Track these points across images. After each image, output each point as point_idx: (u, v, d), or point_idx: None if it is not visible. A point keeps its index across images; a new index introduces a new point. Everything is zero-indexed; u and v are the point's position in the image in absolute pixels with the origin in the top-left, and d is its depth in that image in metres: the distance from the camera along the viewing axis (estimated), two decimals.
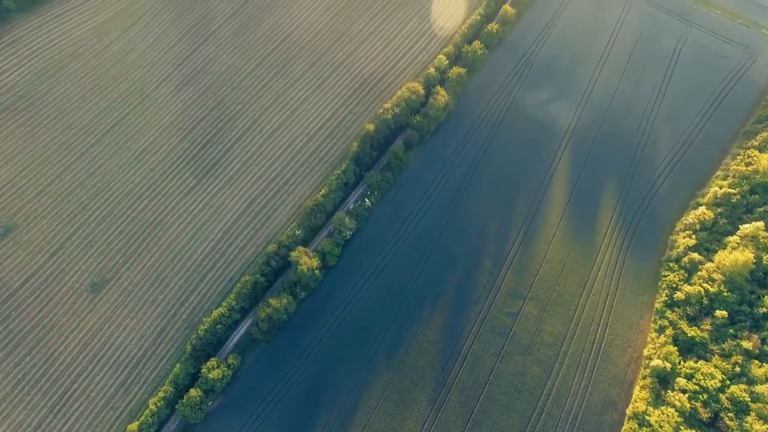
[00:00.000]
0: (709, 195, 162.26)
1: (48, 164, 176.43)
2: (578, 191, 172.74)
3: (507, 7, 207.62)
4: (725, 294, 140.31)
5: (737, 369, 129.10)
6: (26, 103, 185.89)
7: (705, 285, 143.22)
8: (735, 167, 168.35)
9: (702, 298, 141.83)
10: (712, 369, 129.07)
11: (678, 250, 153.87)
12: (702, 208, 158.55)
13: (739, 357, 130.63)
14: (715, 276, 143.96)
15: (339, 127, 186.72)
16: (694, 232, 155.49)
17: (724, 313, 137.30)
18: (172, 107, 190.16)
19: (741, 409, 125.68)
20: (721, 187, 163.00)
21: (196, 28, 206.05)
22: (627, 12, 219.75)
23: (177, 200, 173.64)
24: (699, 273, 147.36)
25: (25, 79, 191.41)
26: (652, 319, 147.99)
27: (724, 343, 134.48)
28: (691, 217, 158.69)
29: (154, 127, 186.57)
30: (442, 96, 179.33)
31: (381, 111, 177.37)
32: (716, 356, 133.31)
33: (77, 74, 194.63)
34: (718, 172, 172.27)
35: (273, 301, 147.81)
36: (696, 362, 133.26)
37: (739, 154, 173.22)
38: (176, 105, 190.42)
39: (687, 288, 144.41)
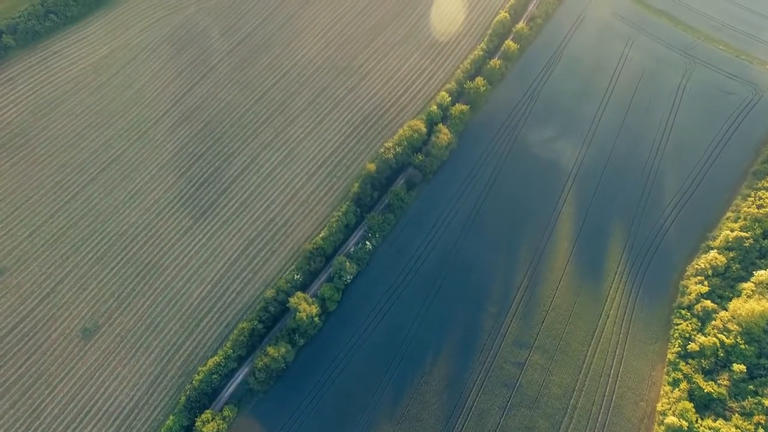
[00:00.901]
0: (720, 238, 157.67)
1: (41, 204, 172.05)
2: (585, 233, 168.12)
3: (509, 43, 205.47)
4: (742, 346, 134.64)
5: (760, 430, 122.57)
6: (21, 141, 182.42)
7: (720, 336, 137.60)
8: (746, 209, 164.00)
9: (717, 350, 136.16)
10: (733, 429, 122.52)
11: (690, 296, 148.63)
12: (713, 252, 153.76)
13: (761, 416, 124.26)
14: (731, 326, 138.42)
15: (339, 165, 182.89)
16: (706, 277, 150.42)
17: (742, 367, 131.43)
18: (169, 145, 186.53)
19: None
20: (732, 230, 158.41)
21: (194, 64, 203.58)
22: (630, 47, 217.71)
23: (173, 241, 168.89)
24: (713, 322, 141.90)
25: (22, 116, 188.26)
26: (665, 370, 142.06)
27: (743, 400, 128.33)
28: (702, 262, 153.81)
29: (150, 166, 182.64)
30: (444, 134, 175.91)
31: (382, 150, 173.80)
32: (736, 415, 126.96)
33: (74, 111, 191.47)
34: (729, 214, 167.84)
35: (271, 350, 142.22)
36: (715, 421, 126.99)
37: (749, 195, 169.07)
38: (174, 142, 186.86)
39: (701, 339, 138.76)
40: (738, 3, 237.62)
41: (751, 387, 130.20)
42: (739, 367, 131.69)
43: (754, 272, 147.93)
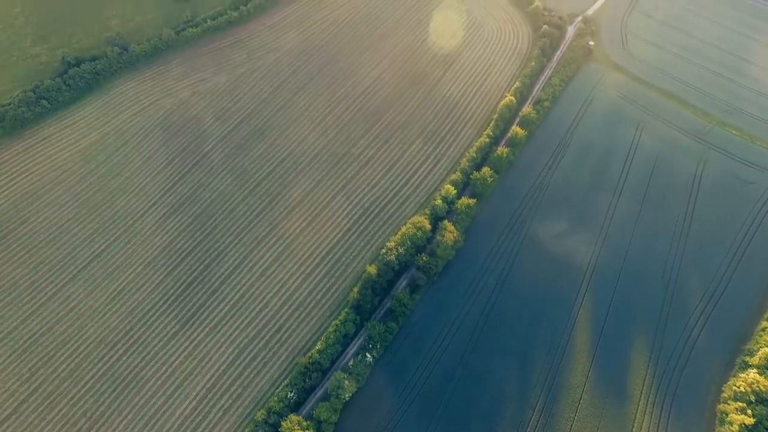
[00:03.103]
0: (758, 355, 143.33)
1: (13, 307, 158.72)
2: (604, 344, 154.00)
3: (517, 129, 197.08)
4: None
5: None
6: None
7: None
8: None
9: None
10: None
11: (732, 428, 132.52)
12: (753, 372, 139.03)
13: None
14: None
15: (338, 264, 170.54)
16: (749, 404, 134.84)
17: None
18: (157, 239, 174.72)
19: None
20: None
21: (186, 151, 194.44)
22: (641, 132, 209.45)
23: (156, 349, 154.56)
24: None
25: (2, 208, 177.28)
26: None
27: None
28: (740, 383, 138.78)
29: (136, 263, 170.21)
30: (450, 233, 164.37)
31: (384, 251, 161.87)
32: None
33: (58, 202, 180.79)
34: (764, 323, 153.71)
35: None
36: None
37: None
38: (162, 237, 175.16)
39: None
40: (747, 86, 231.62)
41: None
42: None
43: None
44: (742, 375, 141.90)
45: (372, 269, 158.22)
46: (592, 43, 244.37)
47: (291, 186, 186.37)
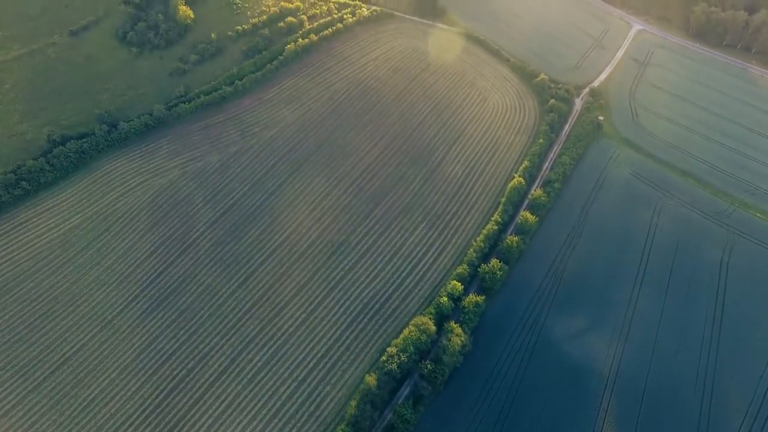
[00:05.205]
0: None
1: None
2: None
3: (526, 214, 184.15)
4: None
5: None
6: None
7: None
8: None
9: None
10: None
11: None
12: None
13: None
14: None
15: (334, 369, 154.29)
16: None
17: None
18: (135, 340, 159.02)
19: None
20: None
21: (173, 238, 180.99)
22: (658, 215, 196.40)
23: None
24: None
25: None
26: None
27: None
28: None
29: (111, 367, 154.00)
30: (457, 336, 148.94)
31: (384, 358, 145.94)
32: None
33: (29, 296, 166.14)
34: None
35: None
36: None
37: None
38: (141, 337, 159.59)
39: None
40: (766, 162, 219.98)
41: None
42: None
43: None
44: None
45: (371, 380, 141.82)
46: (601, 117, 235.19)
47: (284, 279, 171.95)
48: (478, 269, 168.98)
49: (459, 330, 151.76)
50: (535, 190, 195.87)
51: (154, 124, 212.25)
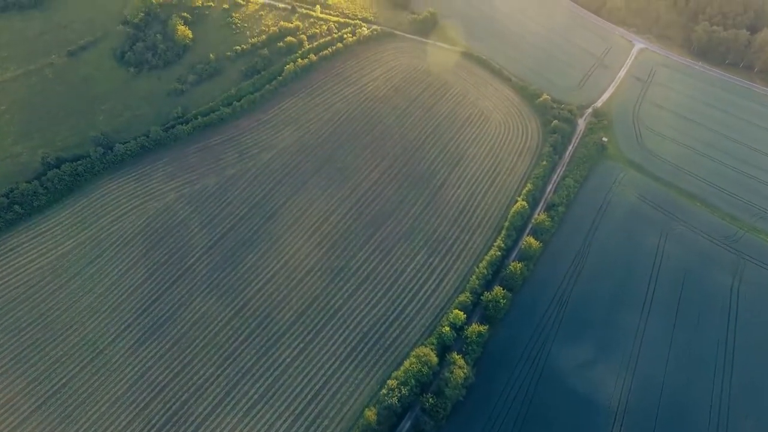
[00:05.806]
0: None
1: None
2: None
3: (530, 240, 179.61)
4: None
5: None
6: None
7: None
8: None
9: None
10: None
11: None
12: None
13: None
14: None
15: (332, 402, 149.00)
16: None
17: None
18: (128, 371, 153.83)
19: None
20: None
21: (168, 264, 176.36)
22: (665, 240, 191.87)
23: None
24: None
25: None
26: None
27: None
28: None
29: (101, 400, 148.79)
30: (460, 369, 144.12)
31: (384, 392, 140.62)
32: None
33: (18, 325, 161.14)
34: None
35: None
36: None
37: None
38: (133, 368, 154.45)
39: None
40: None
41: None
42: None
43: None
44: None
45: (371, 414, 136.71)
46: (605, 138, 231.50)
47: (282, 306, 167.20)
48: (481, 297, 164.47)
49: (461, 362, 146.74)
50: (538, 215, 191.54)
51: (151, 146, 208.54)
